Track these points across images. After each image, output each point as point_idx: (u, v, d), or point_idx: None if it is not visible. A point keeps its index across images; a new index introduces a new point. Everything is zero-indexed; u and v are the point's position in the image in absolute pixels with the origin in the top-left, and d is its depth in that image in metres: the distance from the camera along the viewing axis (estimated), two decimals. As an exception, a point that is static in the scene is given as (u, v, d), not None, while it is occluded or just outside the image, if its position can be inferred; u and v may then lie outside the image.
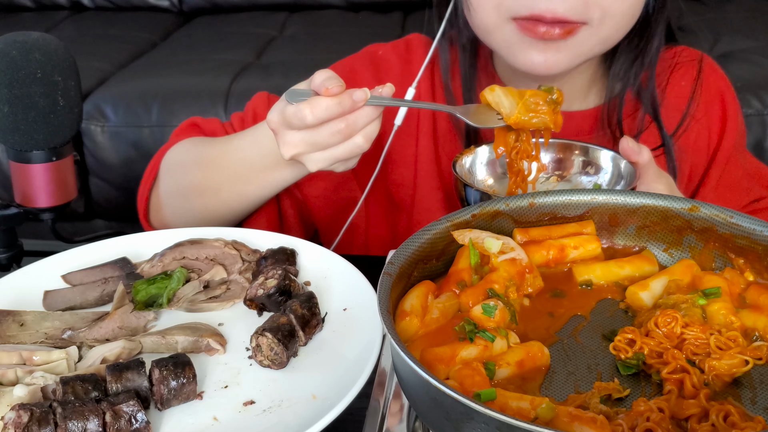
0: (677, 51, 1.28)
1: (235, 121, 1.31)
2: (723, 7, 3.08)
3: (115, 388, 0.82)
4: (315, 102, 0.97)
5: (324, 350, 0.92)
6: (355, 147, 1.01)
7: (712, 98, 1.28)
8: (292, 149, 1.02)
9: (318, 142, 1.01)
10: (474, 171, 1.15)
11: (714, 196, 1.27)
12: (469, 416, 0.65)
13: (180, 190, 1.25)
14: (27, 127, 1.10)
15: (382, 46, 1.34)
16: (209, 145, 1.25)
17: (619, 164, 1.12)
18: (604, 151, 1.14)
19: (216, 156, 1.21)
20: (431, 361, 0.77)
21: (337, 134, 1.00)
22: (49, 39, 1.12)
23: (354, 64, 1.27)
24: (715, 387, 0.76)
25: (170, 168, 1.26)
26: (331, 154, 1.02)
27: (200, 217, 1.23)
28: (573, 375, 0.79)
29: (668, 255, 0.95)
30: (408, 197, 1.31)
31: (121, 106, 2.63)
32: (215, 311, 1.00)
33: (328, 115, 0.98)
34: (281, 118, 1.01)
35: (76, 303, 1.01)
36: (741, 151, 1.33)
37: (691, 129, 1.26)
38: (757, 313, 0.83)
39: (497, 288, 0.86)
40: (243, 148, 1.17)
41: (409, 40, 1.34)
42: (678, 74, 1.26)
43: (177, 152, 1.27)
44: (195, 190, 1.22)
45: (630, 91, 1.24)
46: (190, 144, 1.27)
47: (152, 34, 3.30)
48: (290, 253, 1.05)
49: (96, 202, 2.75)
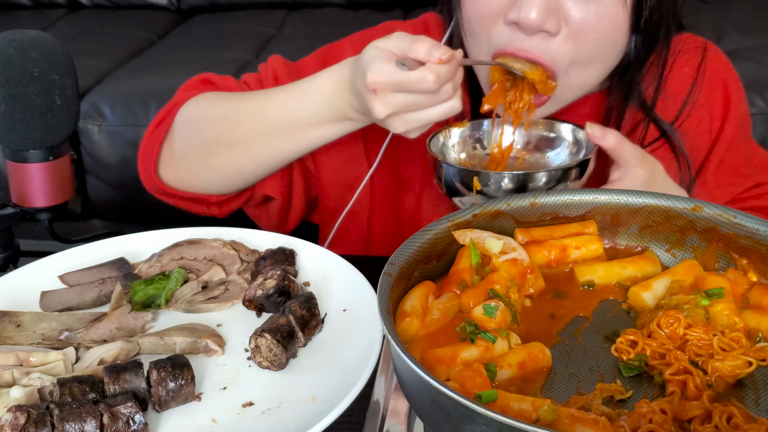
0: (682, 38, 1.27)
1: (251, 82, 1.30)
2: (727, 6, 3.07)
3: (112, 390, 0.81)
4: (437, 70, 0.98)
5: (323, 351, 0.91)
6: (450, 109, 1.03)
7: (715, 84, 1.28)
8: (390, 108, 1.02)
9: (419, 102, 1.02)
10: (448, 149, 1.17)
11: (714, 181, 1.27)
12: (470, 418, 0.65)
13: (203, 145, 1.23)
14: (24, 126, 1.09)
15: (400, 23, 1.35)
16: (240, 99, 1.23)
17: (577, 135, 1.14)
18: (564, 125, 1.16)
19: (251, 110, 1.19)
20: (432, 362, 0.77)
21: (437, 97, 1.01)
22: (46, 37, 1.12)
23: (372, 38, 1.27)
24: (719, 388, 0.76)
25: (192, 122, 1.24)
26: (425, 115, 1.03)
27: (222, 173, 1.22)
28: (575, 376, 0.78)
29: (671, 255, 0.95)
30: (416, 175, 1.31)
31: (118, 105, 2.62)
32: (214, 312, 0.99)
33: (447, 78, 0.99)
34: (391, 81, 1.00)
35: (74, 304, 1.00)
36: (744, 137, 1.32)
37: (693, 114, 1.26)
38: (760, 313, 0.83)
39: (498, 288, 0.85)
40: (286, 102, 1.16)
41: (427, 19, 1.35)
42: (681, 60, 1.26)
43: (198, 106, 1.25)
44: (222, 145, 1.21)
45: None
46: (215, 98, 1.25)
47: (150, 32, 3.29)
48: (289, 254, 1.04)
49: (93, 202, 2.74)
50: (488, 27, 1.09)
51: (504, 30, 1.08)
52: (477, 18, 1.10)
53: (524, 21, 1.03)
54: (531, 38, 1.06)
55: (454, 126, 1.17)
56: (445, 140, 1.16)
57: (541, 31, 1.04)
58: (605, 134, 1.06)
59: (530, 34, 1.05)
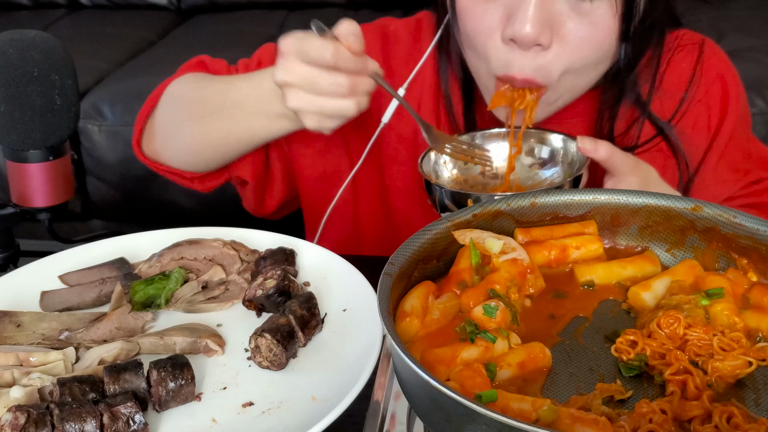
0: (679, 34, 1.27)
1: (240, 67, 1.34)
2: (726, 6, 3.07)
3: (112, 390, 0.81)
4: (340, 48, 1.01)
5: (323, 351, 0.91)
6: (344, 108, 1.04)
7: (713, 80, 1.27)
8: (289, 76, 1.04)
9: (317, 83, 1.03)
10: (440, 167, 1.16)
11: (713, 177, 1.26)
12: (470, 418, 0.65)
13: (174, 121, 1.28)
14: (24, 126, 1.09)
15: (394, 21, 1.36)
16: (212, 81, 1.28)
17: (568, 145, 1.13)
18: (554, 135, 1.15)
19: (216, 92, 1.24)
20: (432, 362, 0.77)
21: (337, 87, 1.03)
22: (46, 37, 1.12)
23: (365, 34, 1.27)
24: (719, 388, 0.76)
25: (170, 99, 1.29)
26: (319, 101, 1.04)
27: (186, 150, 1.27)
28: (575, 376, 0.78)
29: (671, 255, 0.95)
30: (402, 175, 1.31)
31: (118, 105, 2.62)
32: (214, 312, 0.99)
33: (344, 65, 1.01)
34: (298, 46, 1.03)
35: (74, 304, 1.00)
36: (744, 133, 1.32)
37: (691, 111, 1.25)
38: (760, 313, 0.83)
39: (498, 288, 0.85)
40: (243, 87, 1.20)
41: (420, 18, 1.35)
42: (678, 57, 1.26)
43: (180, 85, 1.30)
44: (187, 122, 1.25)
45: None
46: (193, 78, 1.30)
47: (150, 32, 3.29)
48: (289, 254, 1.04)
49: (93, 202, 2.74)
50: (485, 44, 1.09)
51: (501, 49, 1.07)
52: (474, 34, 1.11)
53: (519, 36, 1.03)
54: (526, 55, 1.06)
55: None
56: (436, 158, 1.14)
57: (535, 45, 1.04)
58: (597, 147, 1.05)
59: (526, 49, 1.05)
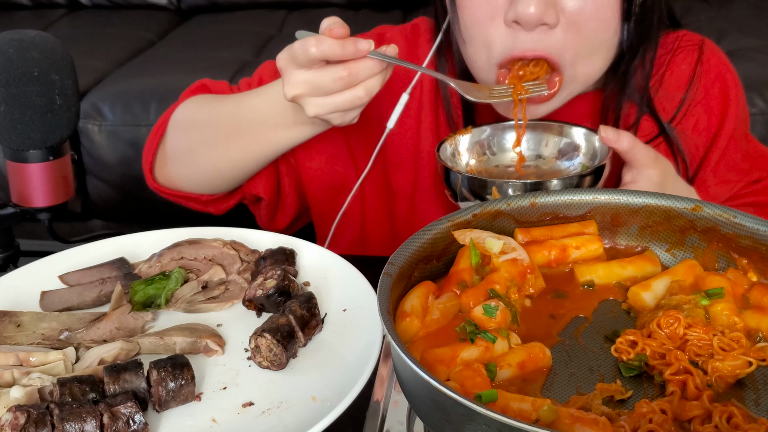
0: (678, 35, 1.27)
1: (243, 86, 1.34)
2: (727, 6, 3.07)
3: (112, 390, 0.81)
4: (320, 38, 1.02)
5: (323, 351, 0.91)
6: (355, 98, 1.05)
7: (712, 81, 1.28)
8: (295, 89, 1.05)
9: (320, 85, 1.04)
10: (458, 157, 1.18)
11: (714, 177, 1.27)
12: (470, 418, 0.65)
13: (188, 146, 1.27)
14: (24, 126, 1.09)
15: (390, 28, 1.37)
16: (221, 101, 1.28)
17: (590, 139, 1.13)
18: (576, 129, 1.15)
19: (228, 112, 1.24)
20: (432, 362, 0.76)
21: (339, 80, 1.03)
22: (46, 37, 1.12)
23: None
24: (719, 388, 0.76)
25: (179, 124, 1.29)
26: (332, 100, 1.05)
27: (204, 174, 1.26)
28: (575, 376, 0.78)
29: (671, 255, 0.95)
30: (407, 180, 1.31)
31: (118, 105, 2.62)
32: (214, 312, 0.99)
33: (331, 52, 1.02)
34: (289, 55, 1.05)
35: (74, 304, 1.00)
36: (743, 133, 1.32)
37: (692, 112, 1.26)
38: (760, 313, 0.83)
39: (498, 288, 0.85)
40: (256, 104, 1.20)
41: (417, 23, 1.36)
42: (678, 58, 1.26)
43: (187, 109, 1.30)
44: (203, 146, 1.25)
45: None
46: (202, 100, 1.30)
47: (150, 32, 3.29)
48: (289, 254, 1.04)
49: (93, 202, 2.74)
50: (486, 30, 1.09)
51: (504, 33, 1.08)
52: (474, 22, 1.11)
53: (523, 16, 1.03)
54: (532, 34, 1.06)
55: (459, 134, 1.18)
56: (452, 148, 1.16)
57: (541, 25, 1.05)
58: (619, 137, 1.06)
59: (530, 29, 1.05)
